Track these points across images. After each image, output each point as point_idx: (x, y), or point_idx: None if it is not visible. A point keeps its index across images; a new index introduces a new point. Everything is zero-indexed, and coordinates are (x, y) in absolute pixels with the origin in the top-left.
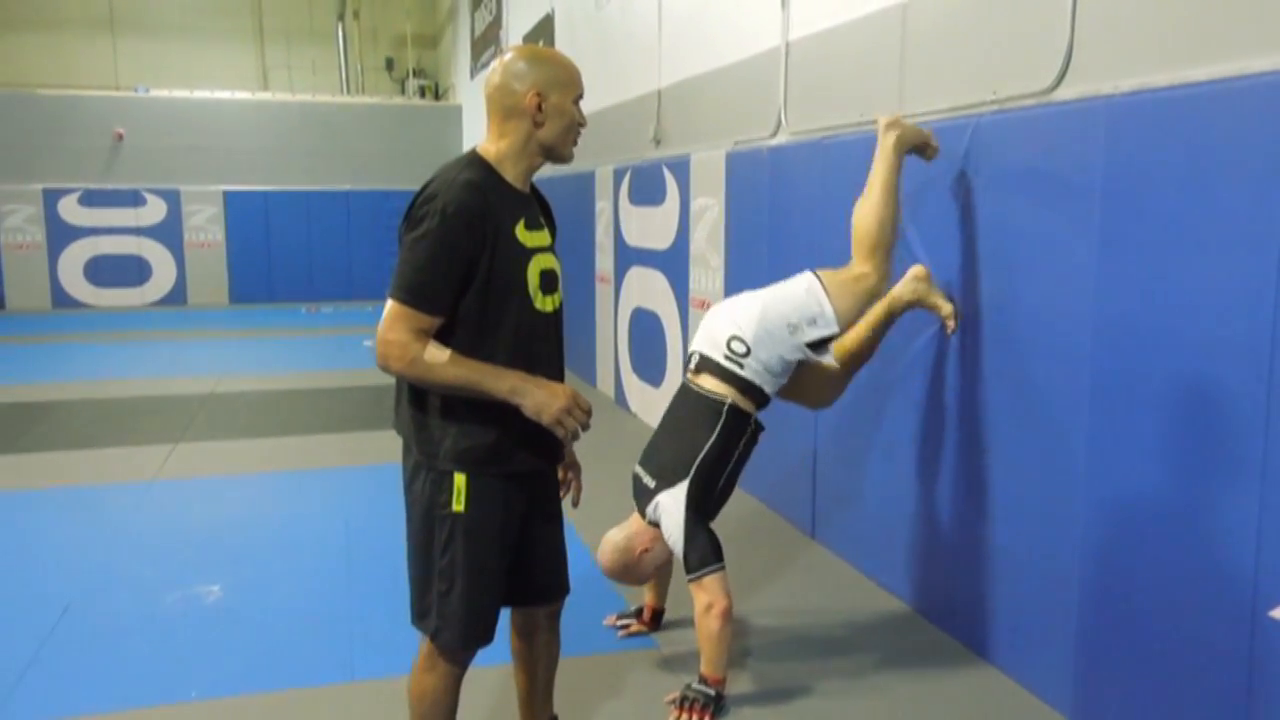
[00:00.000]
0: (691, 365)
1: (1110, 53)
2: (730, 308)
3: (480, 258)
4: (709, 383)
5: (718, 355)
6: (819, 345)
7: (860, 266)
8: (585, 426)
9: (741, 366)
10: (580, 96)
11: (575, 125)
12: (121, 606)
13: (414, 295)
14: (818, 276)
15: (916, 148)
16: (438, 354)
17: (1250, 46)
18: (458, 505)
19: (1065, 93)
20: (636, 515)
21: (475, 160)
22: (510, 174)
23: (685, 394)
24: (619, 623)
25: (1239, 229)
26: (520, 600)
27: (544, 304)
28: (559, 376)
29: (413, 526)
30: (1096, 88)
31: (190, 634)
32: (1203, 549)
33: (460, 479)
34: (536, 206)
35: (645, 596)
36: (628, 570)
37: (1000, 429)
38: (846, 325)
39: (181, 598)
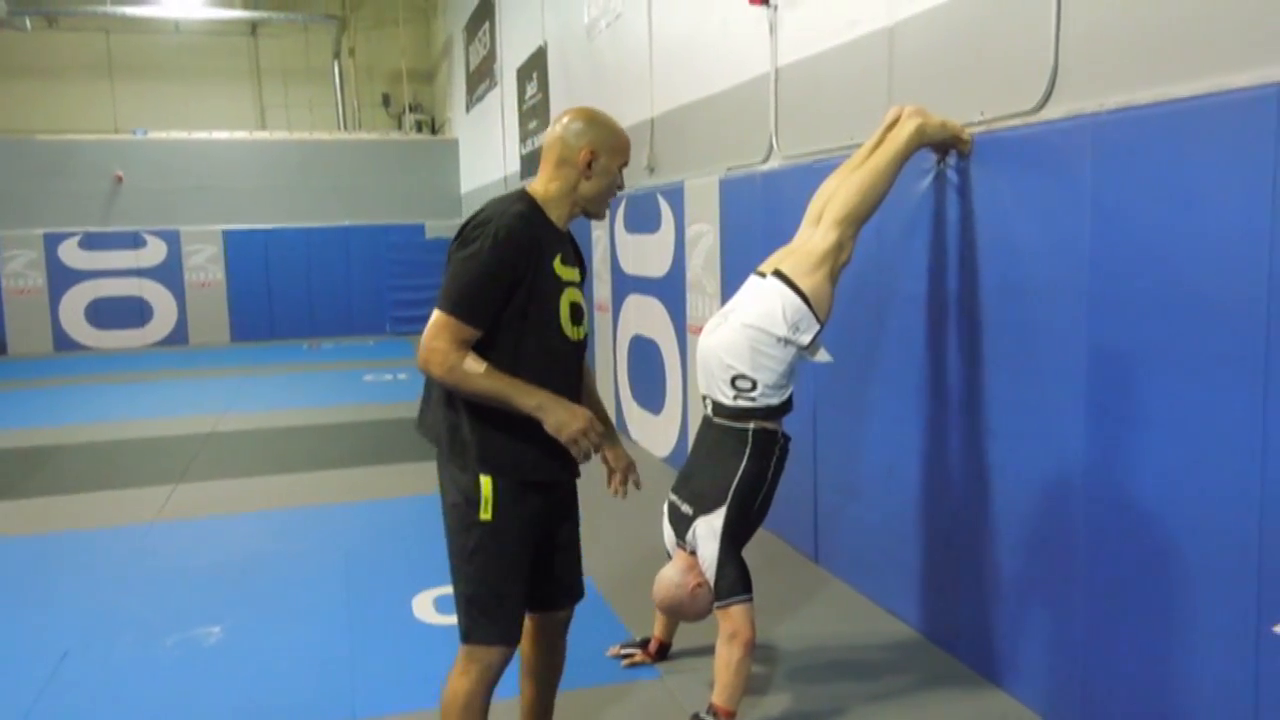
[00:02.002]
0: (709, 409)
1: (1094, 71)
2: (720, 347)
3: (521, 282)
4: (729, 419)
5: (728, 399)
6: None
7: (827, 234)
8: (597, 448)
9: (754, 400)
10: (626, 164)
11: (614, 188)
12: (121, 650)
13: (460, 308)
14: (785, 279)
15: (944, 144)
16: (475, 365)
17: (1231, 62)
18: (485, 514)
19: (1051, 112)
20: (681, 551)
21: (525, 197)
22: (553, 214)
23: (710, 426)
24: (622, 652)
25: (1225, 242)
26: (538, 605)
27: (574, 333)
28: (576, 397)
29: (447, 531)
30: (1082, 106)
31: (190, 676)
32: (1204, 568)
33: (487, 483)
34: (572, 246)
35: (654, 629)
36: (683, 606)
37: (1001, 452)
38: (826, 303)
39: (182, 640)
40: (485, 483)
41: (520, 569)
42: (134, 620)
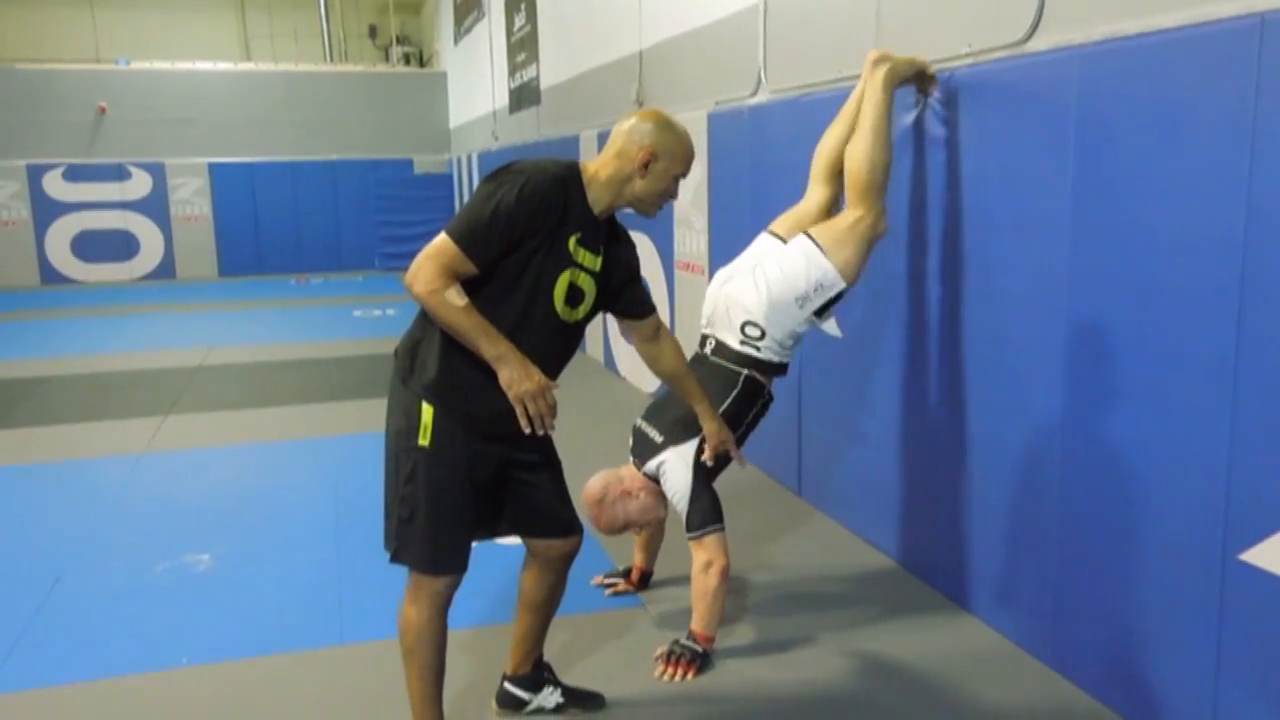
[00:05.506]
0: (708, 347)
1: (1081, 1)
2: (737, 292)
3: (528, 240)
4: (726, 360)
5: (733, 341)
6: (824, 310)
7: (854, 211)
8: (549, 423)
9: (759, 349)
10: (683, 175)
11: (666, 194)
12: (112, 577)
13: (464, 238)
14: (812, 238)
15: (912, 80)
16: (457, 298)
17: None
18: (423, 440)
19: (1038, 43)
20: (630, 465)
21: (572, 166)
22: (593, 196)
23: (701, 363)
24: (606, 582)
25: (1208, 173)
26: (530, 530)
27: (565, 311)
28: (549, 372)
29: (386, 452)
30: (1069, 37)
31: (181, 602)
32: (1174, 497)
33: (428, 411)
34: (601, 234)
35: (634, 558)
36: (605, 498)
37: (980, 384)
38: (853, 275)
39: (172, 567)
40: (426, 410)
41: (457, 500)
42: (125, 548)
